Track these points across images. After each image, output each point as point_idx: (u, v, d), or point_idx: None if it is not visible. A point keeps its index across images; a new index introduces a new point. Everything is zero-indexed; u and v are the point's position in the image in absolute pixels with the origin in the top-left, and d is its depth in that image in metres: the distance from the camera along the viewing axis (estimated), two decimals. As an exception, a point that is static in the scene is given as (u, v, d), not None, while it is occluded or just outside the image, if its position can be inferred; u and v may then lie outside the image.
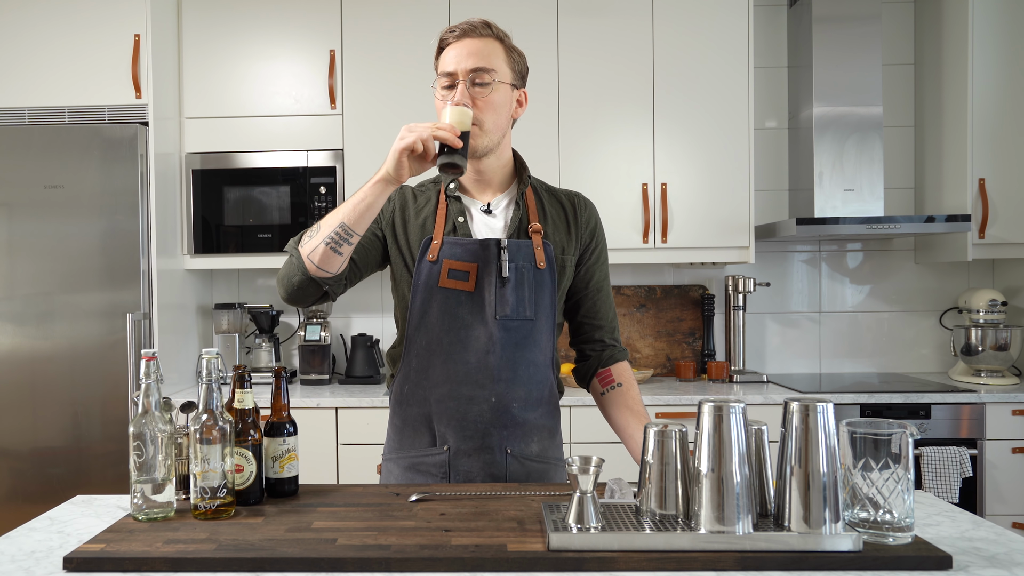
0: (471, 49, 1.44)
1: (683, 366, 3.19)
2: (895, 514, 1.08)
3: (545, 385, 1.52)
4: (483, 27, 1.46)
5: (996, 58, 2.94)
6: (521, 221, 1.51)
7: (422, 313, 1.47)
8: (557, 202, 1.57)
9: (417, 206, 1.54)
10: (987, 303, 3.02)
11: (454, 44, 1.45)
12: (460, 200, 1.52)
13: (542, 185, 1.60)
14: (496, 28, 1.48)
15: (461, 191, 1.54)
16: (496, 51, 1.46)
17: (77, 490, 2.60)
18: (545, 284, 1.49)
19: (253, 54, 3.00)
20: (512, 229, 1.50)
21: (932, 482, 2.64)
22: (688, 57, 2.96)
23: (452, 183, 1.53)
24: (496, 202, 1.53)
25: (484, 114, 1.44)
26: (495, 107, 1.45)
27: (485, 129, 1.45)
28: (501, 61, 1.47)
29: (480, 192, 1.54)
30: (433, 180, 1.59)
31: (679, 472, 1.14)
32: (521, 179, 1.55)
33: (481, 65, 1.43)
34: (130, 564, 1.06)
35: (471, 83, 1.43)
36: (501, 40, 1.48)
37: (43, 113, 2.80)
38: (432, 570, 1.05)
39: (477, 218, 1.52)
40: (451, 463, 1.48)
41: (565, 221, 1.55)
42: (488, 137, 1.46)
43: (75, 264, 2.73)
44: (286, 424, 1.38)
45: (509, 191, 1.55)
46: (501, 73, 1.46)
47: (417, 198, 1.55)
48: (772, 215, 3.33)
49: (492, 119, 1.45)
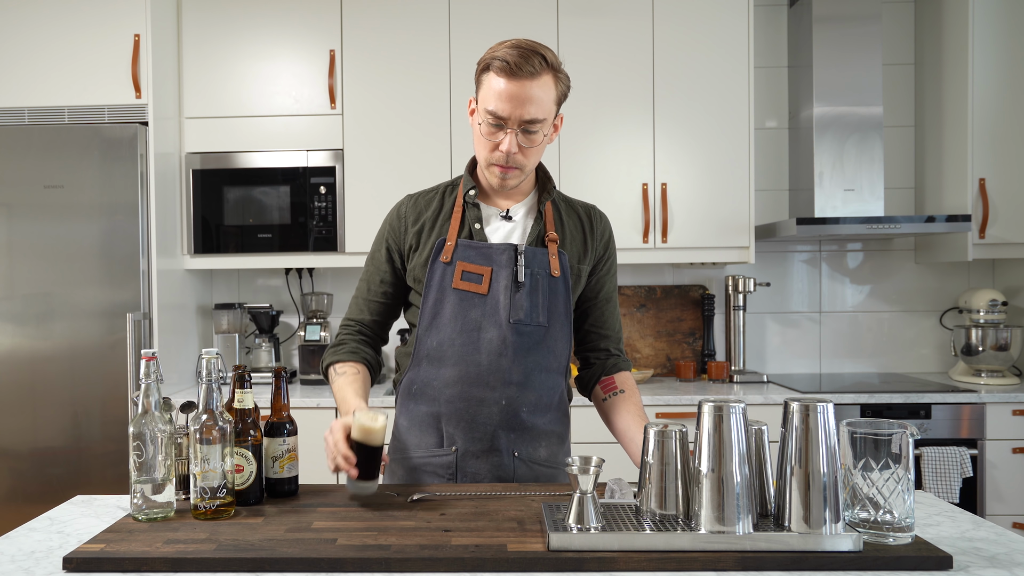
0: (527, 95, 1.36)
1: (683, 366, 3.19)
2: (895, 514, 1.08)
3: (556, 392, 1.53)
4: (539, 63, 1.37)
5: (996, 58, 2.94)
6: (540, 230, 1.51)
7: (434, 313, 1.48)
8: (575, 213, 1.58)
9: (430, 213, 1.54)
10: (987, 303, 3.02)
11: (508, 82, 1.36)
12: (479, 207, 1.52)
13: (560, 196, 1.60)
14: (550, 56, 1.39)
15: (480, 198, 1.54)
16: (549, 90, 1.39)
17: (77, 490, 2.60)
18: (559, 292, 1.49)
19: (253, 54, 3.00)
20: (532, 238, 1.50)
21: (932, 482, 2.64)
22: (688, 57, 2.96)
23: (472, 190, 1.52)
24: (515, 209, 1.54)
25: (528, 159, 1.44)
26: (538, 149, 1.44)
27: (526, 170, 1.46)
28: (551, 100, 1.41)
29: (502, 199, 1.54)
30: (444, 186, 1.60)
31: (679, 472, 1.14)
32: (545, 189, 1.55)
33: (533, 116, 1.38)
34: (130, 564, 1.06)
35: (522, 132, 1.40)
36: (554, 72, 1.40)
37: (43, 113, 2.80)
38: (432, 570, 1.05)
39: (495, 224, 1.52)
40: (459, 464, 1.48)
41: (582, 232, 1.56)
42: (527, 174, 1.47)
43: (75, 264, 2.73)
44: (286, 424, 1.38)
45: (529, 199, 1.55)
46: (550, 115, 1.42)
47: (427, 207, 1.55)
48: (772, 215, 3.33)
49: (533, 159, 1.46)
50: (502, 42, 1.41)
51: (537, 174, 1.57)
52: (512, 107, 1.37)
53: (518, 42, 1.39)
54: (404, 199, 1.60)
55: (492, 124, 1.40)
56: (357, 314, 1.59)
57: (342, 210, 2.96)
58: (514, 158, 1.42)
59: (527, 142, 1.41)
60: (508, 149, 1.40)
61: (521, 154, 1.42)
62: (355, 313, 1.60)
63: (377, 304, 1.58)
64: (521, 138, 1.40)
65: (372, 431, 1.28)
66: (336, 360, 1.54)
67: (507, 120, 1.39)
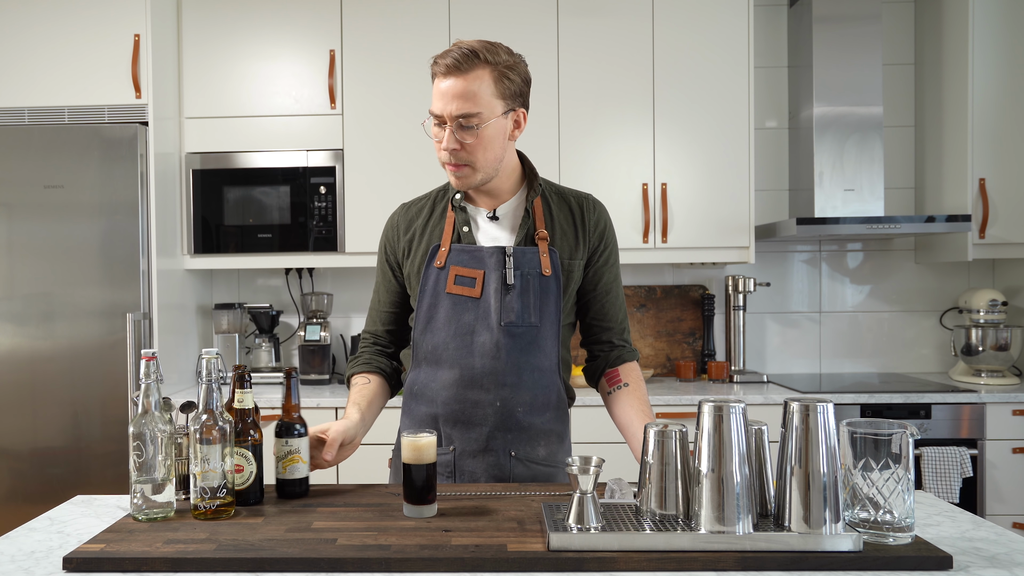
0: (456, 91, 1.40)
1: (683, 366, 3.19)
2: (895, 514, 1.08)
3: (552, 390, 1.53)
4: (469, 59, 1.39)
5: (996, 58, 2.94)
6: (528, 229, 1.52)
7: (428, 318, 1.50)
8: (566, 205, 1.57)
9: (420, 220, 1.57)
10: (987, 303, 3.02)
11: (441, 80, 1.41)
12: (465, 210, 1.54)
13: (551, 187, 1.59)
14: (486, 53, 1.40)
15: (467, 200, 1.55)
16: (484, 85, 1.40)
17: (77, 490, 2.60)
18: (550, 291, 1.50)
19: (253, 54, 3.00)
20: (520, 237, 1.51)
21: (932, 482, 2.64)
22: (688, 57, 2.96)
23: (459, 194, 1.54)
24: (502, 208, 1.54)
25: (473, 155, 1.43)
26: (484, 144, 1.44)
27: (477, 167, 1.45)
28: (489, 94, 1.41)
29: (488, 201, 1.55)
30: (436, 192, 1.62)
31: (679, 472, 1.14)
32: (532, 186, 1.55)
33: (465, 111, 1.40)
34: (130, 564, 1.06)
35: (457, 127, 1.41)
36: (492, 66, 1.41)
37: (43, 113, 2.80)
38: (432, 570, 1.05)
39: (482, 226, 1.53)
40: (456, 464, 1.50)
41: (573, 225, 1.55)
42: (483, 172, 1.47)
43: (75, 264, 2.73)
44: (295, 425, 1.36)
45: (517, 196, 1.55)
46: (488, 109, 1.42)
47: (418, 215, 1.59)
48: (772, 215, 3.33)
49: (482, 155, 1.45)
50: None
51: (524, 171, 1.57)
52: (443, 103, 1.41)
53: (459, 43, 1.42)
54: (398, 209, 1.64)
55: (436, 125, 1.44)
56: (371, 326, 1.66)
57: (342, 210, 2.96)
58: (457, 155, 1.43)
59: (465, 136, 1.42)
60: (447, 145, 1.42)
61: (464, 150, 1.42)
62: (369, 325, 1.67)
63: (387, 314, 1.64)
64: (459, 133, 1.41)
65: (420, 447, 1.25)
66: (352, 373, 1.62)
67: (442, 117, 1.42)
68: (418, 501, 1.24)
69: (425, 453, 1.25)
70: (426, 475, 1.24)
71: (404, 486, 1.25)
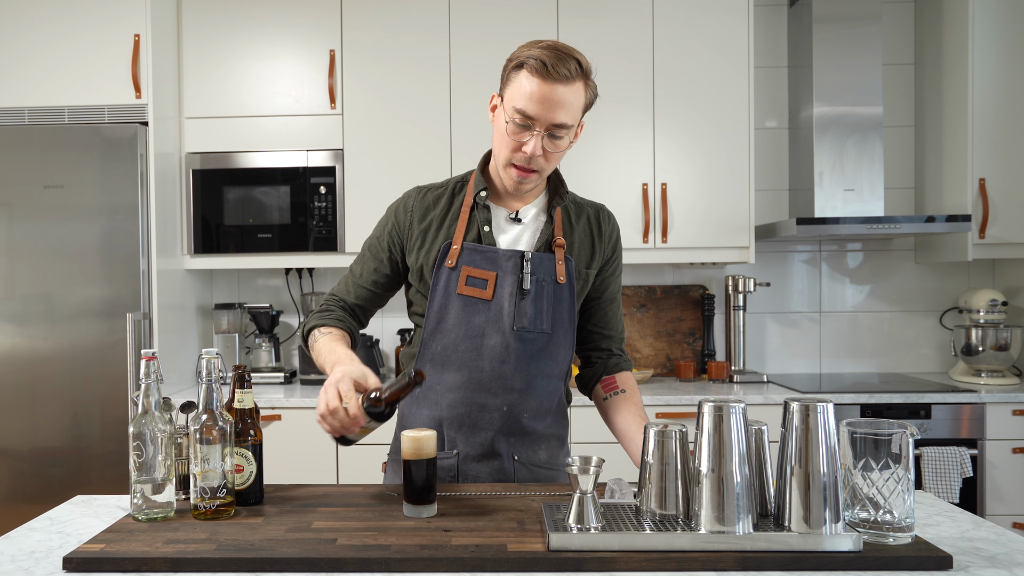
0: (561, 99, 1.35)
1: (683, 366, 3.19)
2: (895, 514, 1.08)
3: (556, 396, 1.53)
4: (575, 69, 1.35)
5: (996, 58, 2.94)
6: (548, 235, 1.50)
7: (439, 319, 1.47)
8: (584, 215, 1.56)
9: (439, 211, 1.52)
10: (987, 303, 3.02)
11: (542, 83, 1.34)
12: (488, 209, 1.51)
13: (570, 197, 1.58)
14: (584, 62, 1.37)
15: (491, 198, 1.53)
16: (579, 96, 1.38)
17: (77, 490, 2.59)
18: (564, 299, 1.49)
19: (253, 54, 3.00)
20: (540, 243, 1.49)
21: (932, 482, 2.64)
22: (688, 57, 2.96)
23: (484, 191, 1.50)
24: (525, 210, 1.52)
25: (548, 163, 1.42)
26: (559, 155, 1.43)
27: (544, 175, 1.45)
28: (579, 107, 1.39)
29: (512, 202, 1.53)
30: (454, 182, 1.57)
31: (679, 472, 1.14)
32: (557, 192, 1.54)
33: (563, 121, 1.36)
34: (130, 564, 1.06)
35: (548, 135, 1.38)
36: (585, 79, 1.38)
37: (43, 113, 2.80)
38: (432, 570, 1.05)
39: (503, 226, 1.51)
40: (460, 467, 1.48)
41: (590, 235, 1.55)
42: (541, 179, 1.46)
43: (75, 264, 2.73)
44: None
45: (540, 200, 1.54)
46: (576, 121, 1.40)
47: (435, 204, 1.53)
48: (772, 215, 3.33)
49: (551, 165, 1.44)
50: (535, 41, 1.38)
51: (549, 177, 1.55)
52: (543, 109, 1.35)
53: (554, 44, 1.37)
54: (412, 191, 1.57)
55: (519, 124, 1.38)
56: (344, 293, 1.58)
57: (342, 210, 2.96)
58: (536, 161, 1.40)
59: (552, 146, 1.39)
60: (532, 151, 1.38)
61: (544, 158, 1.40)
62: (342, 291, 1.58)
63: (364, 291, 1.56)
64: (547, 142, 1.38)
65: (420, 440, 1.24)
66: (321, 323, 1.52)
67: (535, 121, 1.36)
68: (418, 501, 1.24)
69: (425, 448, 1.25)
70: (426, 472, 1.24)
71: (404, 485, 1.25)
